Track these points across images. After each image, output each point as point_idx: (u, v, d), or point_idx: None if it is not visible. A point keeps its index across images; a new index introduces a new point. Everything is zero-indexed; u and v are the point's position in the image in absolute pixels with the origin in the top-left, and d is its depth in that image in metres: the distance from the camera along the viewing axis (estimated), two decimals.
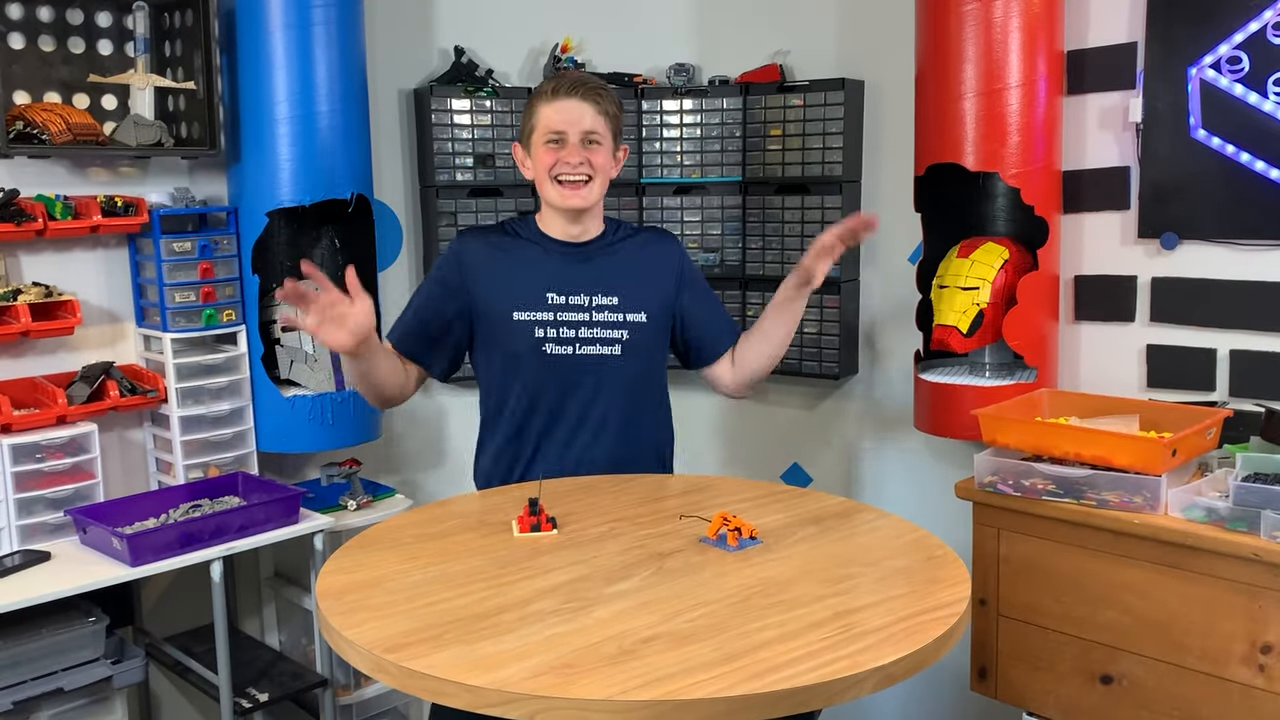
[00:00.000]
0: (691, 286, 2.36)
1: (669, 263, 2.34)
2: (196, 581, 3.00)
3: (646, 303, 2.27)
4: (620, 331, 2.24)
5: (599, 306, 2.23)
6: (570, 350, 2.22)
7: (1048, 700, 2.46)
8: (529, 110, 2.22)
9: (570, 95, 2.17)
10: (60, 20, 2.69)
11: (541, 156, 2.19)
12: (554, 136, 2.17)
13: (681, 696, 1.27)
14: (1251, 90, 2.52)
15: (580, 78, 2.21)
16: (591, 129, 2.18)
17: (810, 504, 2.01)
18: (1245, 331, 2.59)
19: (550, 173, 2.19)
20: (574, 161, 2.17)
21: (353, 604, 1.55)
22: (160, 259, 2.75)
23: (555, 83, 2.20)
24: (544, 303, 2.22)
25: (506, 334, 2.22)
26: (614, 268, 2.27)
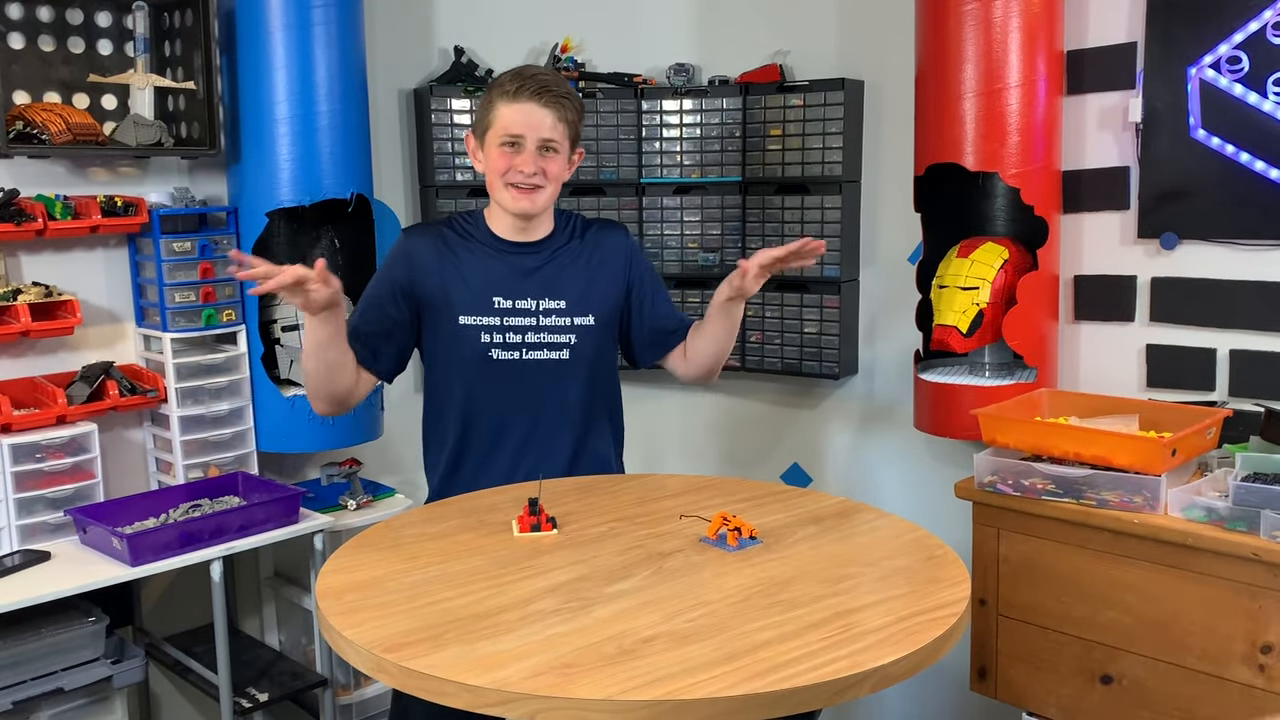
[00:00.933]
0: (639, 283, 2.29)
1: (619, 260, 2.28)
2: (196, 581, 3.00)
3: (594, 305, 2.23)
4: (568, 335, 2.20)
5: (546, 310, 2.19)
6: (517, 355, 2.18)
7: (1048, 700, 2.46)
8: (487, 104, 2.13)
9: (532, 99, 2.08)
10: (60, 20, 2.69)
11: (495, 158, 2.12)
12: (510, 139, 2.10)
13: (681, 696, 1.27)
14: (1251, 90, 2.52)
15: (543, 81, 2.11)
16: (550, 137, 2.11)
17: (810, 504, 2.01)
18: (1245, 331, 2.59)
19: (503, 176, 2.12)
20: (528, 170, 2.10)
21: (353, 604, 1.55)
22: (160, 259, 2.75)
23: (517, 82, 2.10)
24: (490, 307, 2.17)
25: (452, 338, 2.18)
26: (563, 270, 2.22)
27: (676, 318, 2.33)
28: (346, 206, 2.96)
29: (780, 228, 3.29)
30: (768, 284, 3.31)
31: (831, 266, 3.22)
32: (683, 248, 3.42)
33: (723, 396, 3.58)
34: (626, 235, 2.35)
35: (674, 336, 2.32)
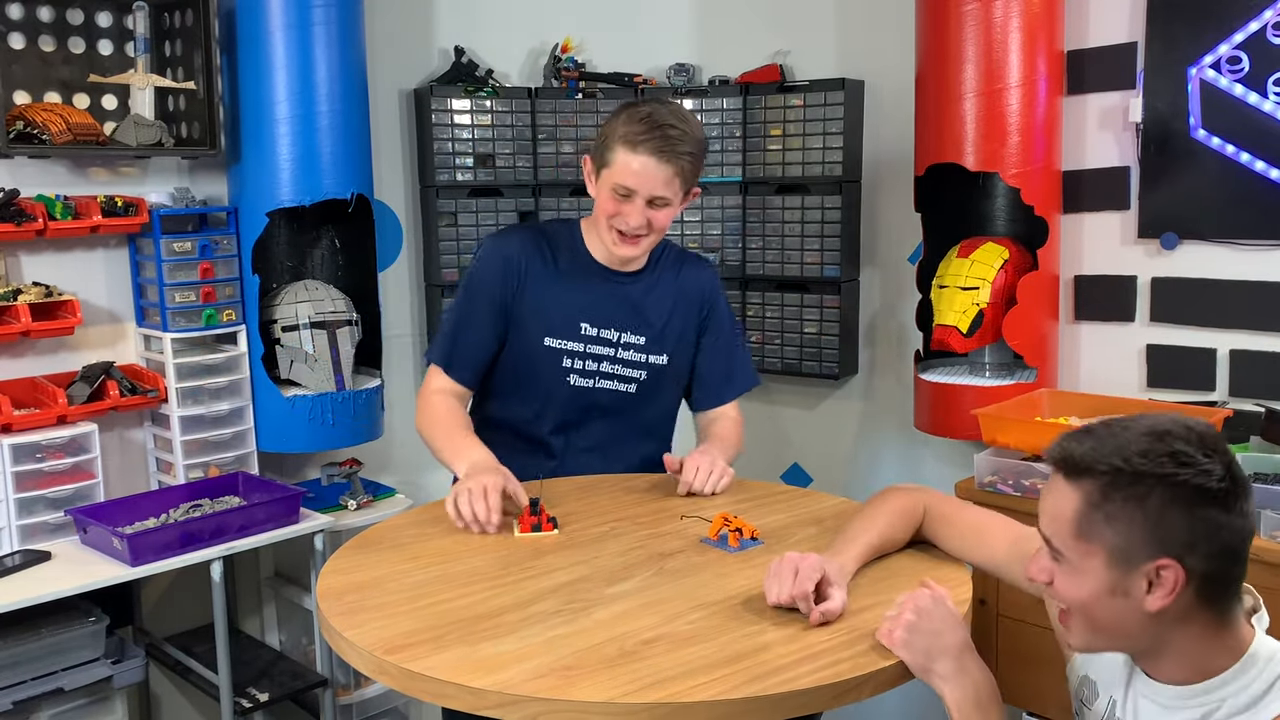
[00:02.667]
0: (713, 331, 2.25)
1: (699, 302, 2.23)
2: (196, 581, 3.00)
3: (670, 345, 2.20)
4: (640, 371, 2.18)
5: (626, 344, 2.16)
6: (591, 383, 2.16)
7: (1048, 700, 2.46)
8: (610, 139, 2.02)
9: (654, 155, 1.98)
10: (60, 20, 2.69)
11: (605, 199, 2.05)
12: (624, 191, 2.01)
13: (683, 699, 1.27)
14: (1251, 90, 2.52)
15: (669, 135, 1.98)
16: (662, 194, 2.02)
17: (810, 504, 2.01)
18: (1245, 331, 2.59)
19: (609, 220, 2.06)
20: (634, 223, 2.03)
21: (353, 604, 1.55)
22: (160, 259, 2.75)
23: (645, 130, 1.98)
24: (577, 332, 2.14)
25: (533, 355, 2.15)
26: (649, 305, 2.18)
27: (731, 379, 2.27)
28: (346, 206, 2.96)
29: (780, 228, 3.29)
30: (768, 284, 3.34)
31: (831, 266, 3.22)
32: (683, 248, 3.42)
33: None
34: (714, 276, 2.29)
35: (721, 395, 2.27)
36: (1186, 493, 1.16)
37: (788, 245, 3.28)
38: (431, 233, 3.34)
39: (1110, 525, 1.19)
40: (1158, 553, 1.18)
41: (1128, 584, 1.20)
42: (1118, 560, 1.20)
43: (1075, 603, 1.25)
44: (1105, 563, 1.21)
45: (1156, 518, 1.17)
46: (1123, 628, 1.24)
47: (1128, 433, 1.20)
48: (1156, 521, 1.17)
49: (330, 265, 3.17)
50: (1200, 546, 1.17)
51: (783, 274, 3.31)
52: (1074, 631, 1.28)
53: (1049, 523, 1.26)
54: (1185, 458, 1.17)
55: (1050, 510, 1.25)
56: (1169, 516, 1.17)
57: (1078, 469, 1.21)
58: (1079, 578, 1.23)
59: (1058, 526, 1.24)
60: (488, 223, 3.32)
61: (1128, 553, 1.19)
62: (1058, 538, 1.24)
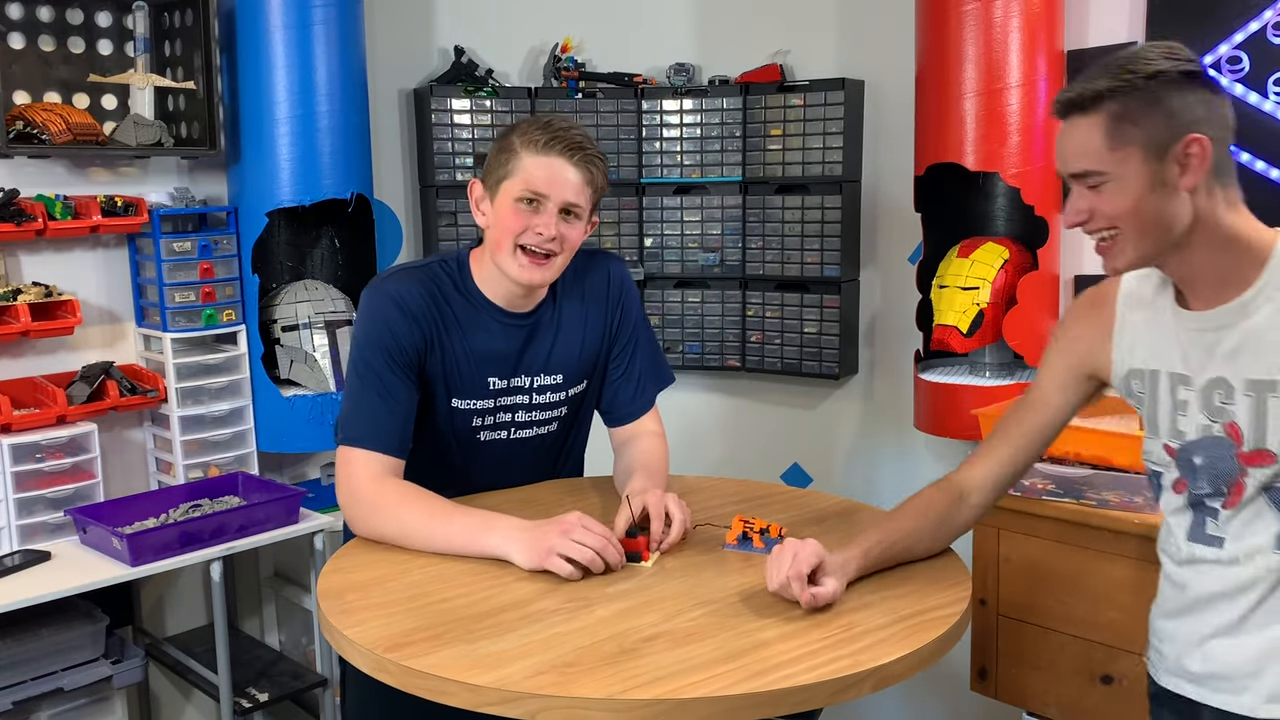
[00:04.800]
0: (622, 339, 2.06)
1: (606, 309, 2.03)
2: (196, 581, 3.00)
3: (588, 368, 2.03)
4: (560, 409, 2.01)
5: (541, 387, 1.97)
6: (505, 435, 1.98)
7: (1048, 700, 2.46)
8: (506, 152, 1.83)
9: (563, 155, 1.81)
10: (60, 20, 2.69)
11: (508, 214, 1.82)
12: (531, 196, 1.81)
13: (682, 695, 1.27)
14: (1251, 90, 2.52)
15: (577, 138, 1.83)
16: (575, 201, 1.83)
17: (810, 504, 2.00)
18: None
19: (516, 237, 1.82)
20: (547, 233, 1.81)
21: (353, 603, 1.55)
22: (160, 259, 2.75)
23: (547, 134, 1.81)
24: (485, 389, 1.93)
25: (438, 419, 1.93)
26: (559, 340, 1.98)
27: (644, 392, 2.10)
28: (346, 206, 2.96)
29: (780, 228, 3.29)
30: (768, 284, 3.34)
31: (831, 266, 3.22)
32: (683, 248, 3.42)
33: (723, 396, 3.58)
34: (616, 270, 2.06)
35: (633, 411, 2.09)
36: (1185, 79, 1.38)
37: (788, 245, 3.28)
38: (431, 233, 3.34)
39: (1138, 126, 1.38)
40: (1182, 132, 1.37)
41: (1164, 173, 1.38)
42: (1152, 153, 1.38)
43: (1124, 212, 1.40)
44: (1142, 159, 1.38)
45: (1171, 105, 1.37)
46: (1165, 218, 1.40)
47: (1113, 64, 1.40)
48: (1172, 109, 1.37)
49: (330, 265, 3.17)
50: (1207, 119, 1.39)
51: (783, 274, 3.31)
52: (1122, 248, 1.43)
53: (1080, 157, 1.41)
54: (1170, 55, 1.39)
55: (1076, 147, 1.41)
56: (1181, 101, 1.38)
57: (1090, 102, 1.39)
58: (1121, 186, 1.39)
59: (1090, 151, 1.40)
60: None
61: (1160, 142, 1.37)
62: (1094, 160, 1.40)
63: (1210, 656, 1.52)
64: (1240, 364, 1.44)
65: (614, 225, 3.44)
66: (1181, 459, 1.51)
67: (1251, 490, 1.44)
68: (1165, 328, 1.53)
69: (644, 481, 1.90)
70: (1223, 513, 1.48)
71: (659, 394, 2.15)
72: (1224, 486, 1.47)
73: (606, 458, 2.12)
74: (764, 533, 1.76)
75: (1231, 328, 1.44)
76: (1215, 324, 1.46)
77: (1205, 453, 1.48)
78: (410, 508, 1.77)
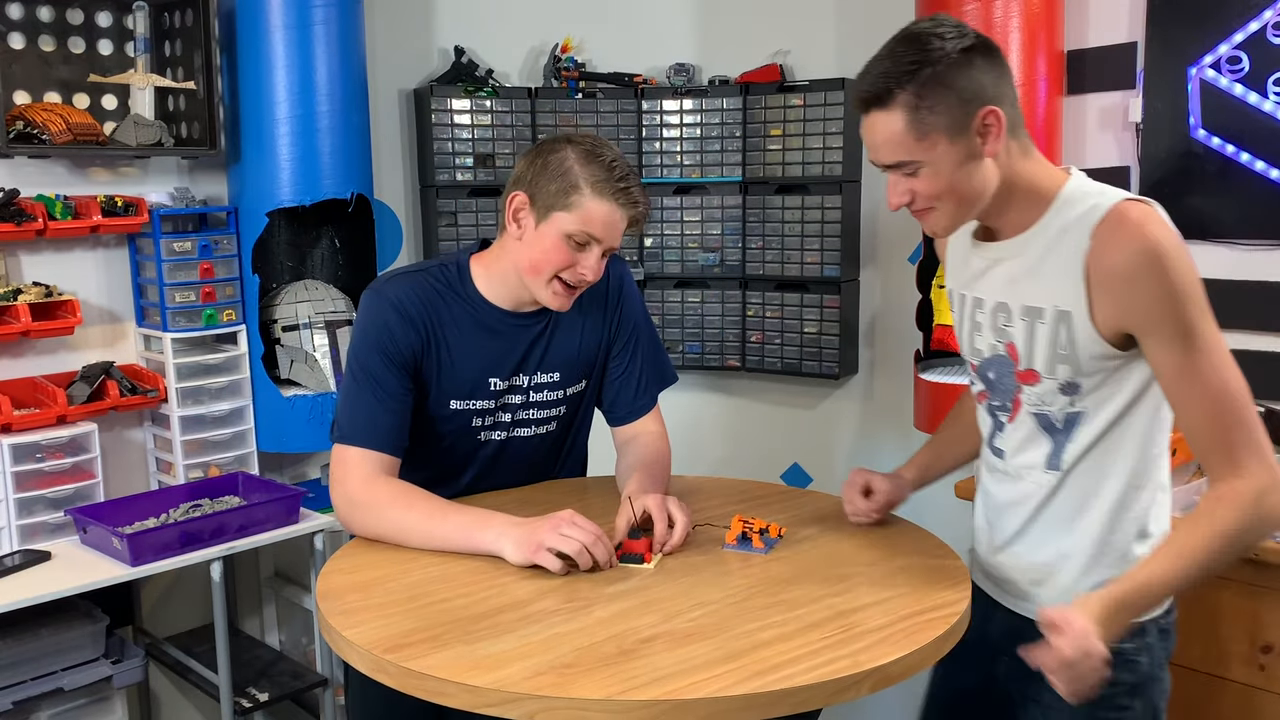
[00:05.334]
0: (622, 337, 2.07)
1: (605, 306, 2.04)
2: (196, 581, 3.00)
3: (587, 368, 2.04)
4: (559, 408, 2.01)
5: (539, 385, 1.98)
6: (504, 435, 1.98)
7: None
8: (570, 184, 1.81)
9: (625, 207, 1.82)
10: (60, 20, 2.69)
11: (556, 248, 1.82)
12: (587, 240, 1.82)
13: (681, 696, 1.27)
14: (1251, 90, 2.52)
15: (636, 192, 1.84)
16: (617, 245, 1.88)
17: (810, 504, 2.00)
18: (1245, 331, 2.59)
19: (555, 270, 1.84)
20: (591, 276, 1.85)
21: (353, 604, 1.55)
22: (160, 259, 2.75)
23: (615, 180, 1.81)
24: (485, 390, 1.93)
25: (438, 420, 1.93)
26: (557, 339, 1.99)
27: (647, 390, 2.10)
28: (346, 206, 2.96)
29: (780, 228, 3.29)
30: (768, 284, 3.34)
31: (831, 266, 3.22)
32: (683, 248, 3.42)
33: (723, 396, 3.58)
34: (609, 273, 2.03)
35: (637, 409, 2.09)
36: (965, 55, 1.49)
37: (788, 245, 3.28)
38: (431, 233, 3.34)
39: (935, 113, 1.49)
40: (976, 107, 1.49)
41: (969, 147, 1.51)
42: (955, 133, 1.50)
43: (943, 189, 1.53)
44: (948, 142, 1.50)
45: (961, 85, 1.49)
46: (977, 186, 1.54)
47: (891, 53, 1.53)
48: (962, 88, 1.49)
49: (330, 265, 3.17)
50: (995, 86, 1.51)
51: (783, 274, 3.31)
52: (941, 214, 1.57)
53: (892, 149, 1.53)
54: (946, 35, 1.50)
55: (883, 140, 1.53)
56: (967, 78, 1.49)
57: (885, 97, 1.50)
58: (934, 169, 1.52)
59: (898, 143, 1.52)
60: (488, 223, 3.32)
61: (959, 122, 1.49)
62: (905, 152, 1.52)
63: (1000, 564, 1.73)
64: (1018, 291, 1.60)
65: None
66: (980, 373, 1.70)
67: (1025, 409, 1.63)
68: (967, 258, 1.72)
69: (645, 482, 1.90)
70: (1007, 425, 1.67)
71: (662, 393, 2.14)
72: (1008, 402, 1.66)
73: (609, 458, 2.12)
74: (763, 533, 1.75)
75: (1014, 259, 1.61)
76: (1002, 255, 1.63)
77: (994, 369, 1.67)
78: (404, 507, 1.77)
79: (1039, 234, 1.57)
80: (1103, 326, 1.51)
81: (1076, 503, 1.62)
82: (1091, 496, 1.61)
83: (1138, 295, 1.47)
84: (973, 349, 1.70)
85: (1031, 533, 1.67)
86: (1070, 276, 1.52)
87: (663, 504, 1.77)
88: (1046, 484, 1.63)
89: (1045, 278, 1.56)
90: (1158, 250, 1.45)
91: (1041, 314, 1.57)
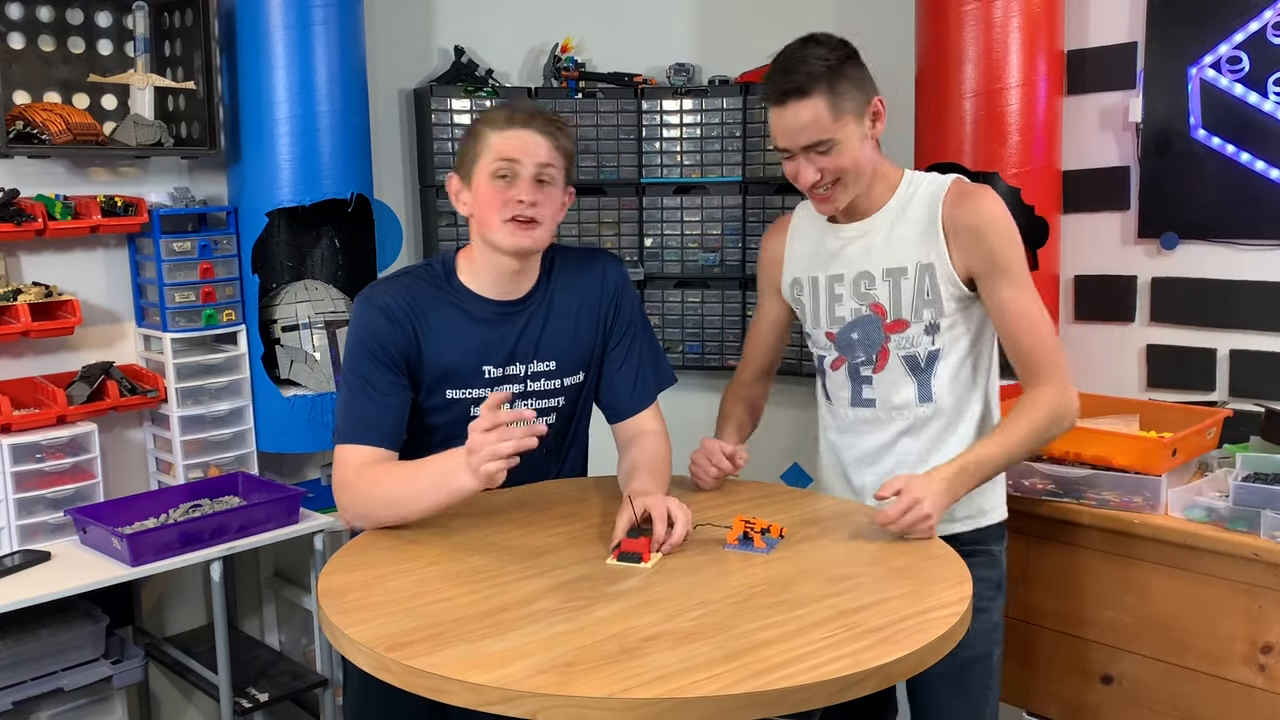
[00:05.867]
0: (619, 333, 2.08)
1: (601, 303, 2.06)
2: (196, 581, 3.00)
3: (584, 360, 2.05)
4: (557, 398, 2.03)
5: (536, 374, 2.00)
6: None
7: (1048, 700, 2.46)
8: (474, 138, 1.93)
9: (525, 126, 1.89)
10: (60, 20, 2.69)
11: (487, 192, 1.89)
12: (504, 169, 1.88)
13: (683, 695, 1.27)
14: (1251, 90, 2.52)
15: (535, 108, 1.94)
16: (547, 162, 1.89)
17: (810, 504, 2.01)
18: (1245, 331, 2.59)
19: (499, 213, 1.88)
20: (528, 198, 1.87)
21: (355, 602, 1.55)
22: (160, 259, 2.75)
23: (508, 111, 1.92)
24: (481, 378, 1.96)
25: (435, 411, 1.97)
26: (550, 325, 2.01)
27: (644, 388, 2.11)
28: (346, 206, 2.96)
29: None
30: None
31: None
32: (683, 248, 3.43)
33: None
34: (615, 271, 2.10)
35: (634, 407, 2.10)
36: (852, 57, 1.92)
37: None
38: (431, 233, 3.34)
39: (846, 98, 1.88)
40: (870, 95, 1.93)
41: (864, 130, 1.92)
42: (859, 116, 1.91)
43: (849, 165, 1.91)
44: (855, 123, 1.90)
45: (858, 77, 1.91)
46: (867, 164, 1.95)
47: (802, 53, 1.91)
48: (859, 79, 1.91)
49: (330, 265, 3.17)
50: (872, 82, 1.95)
51: None
52: (841, 192, 1.94)
53: (813, 131, 1.88)
54: (834, 43, 1.93)
55: (805, 124, 1.87)
56: (859, 73, 1.92)
57: (807, 88, 1.86)
58: (844, 146, 1.89)
59: (819, 126, 1.87)
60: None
61: (860, 107, 1.91)
62: (824, 131, 1.87)
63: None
64: (877, 258, 1.99)
65: (614, 225, 3.44)
66: (841, 339, 2.05)
67: (894, 355, 2.00)
68: (820, 243, 2.07)
69: (646, 482, 1.91)
70: (874, 376, 2.03)
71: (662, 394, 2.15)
72: (873, 354, 2.02)
73: (610, 458, 2.12)
74: (765, 532, 1.75)
75: (872, 234, 2.00)
76: (861, 232, 2.01)
77: (859, 329, 2.03)
78: (388, 479, 1.84)
79: (887, 211, 2.00)
80: (959, 270, 1.94)
81: (945, 426, 2.01)
82: (956, 420, 2.01)
83: (984, 243, 1.91)
84: (833, 319, 2.06)
85: (908, 461, 2.01)
86: (929, 236, 1.95)
87: (663, 504, 1.77)
88: (921, 416, 2.01)
89: (900, 243, 1.97)
90: (996, 210, 1.93)
91: (905, 271, 1.97)
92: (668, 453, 2.07)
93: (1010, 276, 1.92)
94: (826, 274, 2.05)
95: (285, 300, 3.03)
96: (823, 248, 2.07)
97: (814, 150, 1.89)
